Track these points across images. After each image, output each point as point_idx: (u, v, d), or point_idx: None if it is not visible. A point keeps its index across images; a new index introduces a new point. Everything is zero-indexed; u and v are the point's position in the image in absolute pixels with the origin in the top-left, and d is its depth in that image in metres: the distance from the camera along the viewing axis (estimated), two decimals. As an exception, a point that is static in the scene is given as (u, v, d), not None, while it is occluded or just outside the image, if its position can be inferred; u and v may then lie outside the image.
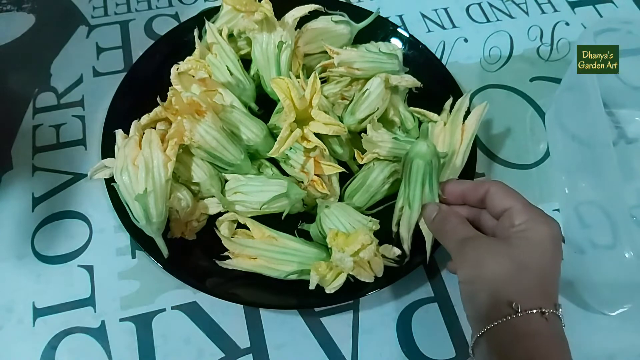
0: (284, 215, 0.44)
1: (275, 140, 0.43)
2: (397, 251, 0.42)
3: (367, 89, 0.47)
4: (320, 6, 0.50)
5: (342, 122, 0.47)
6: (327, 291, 0.40)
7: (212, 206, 0.45)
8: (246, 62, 0.51)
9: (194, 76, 0.49)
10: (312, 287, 0.40)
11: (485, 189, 0.39)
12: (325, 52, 0.50)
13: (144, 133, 0.43)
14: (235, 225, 0.44)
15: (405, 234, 0.43)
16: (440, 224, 0.40)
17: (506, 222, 0.36)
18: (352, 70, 0.50)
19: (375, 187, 0.45)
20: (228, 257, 0.42)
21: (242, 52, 0.52)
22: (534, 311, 0.32)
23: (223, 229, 0.43)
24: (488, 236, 0.38)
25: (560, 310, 0.34)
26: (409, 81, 0.50)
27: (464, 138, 0.47)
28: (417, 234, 0.43)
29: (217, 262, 0.42)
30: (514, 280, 0.34)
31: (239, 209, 0.44)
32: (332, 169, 0.45)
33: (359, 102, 0.47)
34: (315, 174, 0.45)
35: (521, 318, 0.32)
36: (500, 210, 0.37)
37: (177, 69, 0.49)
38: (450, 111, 0.50)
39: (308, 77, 0.45)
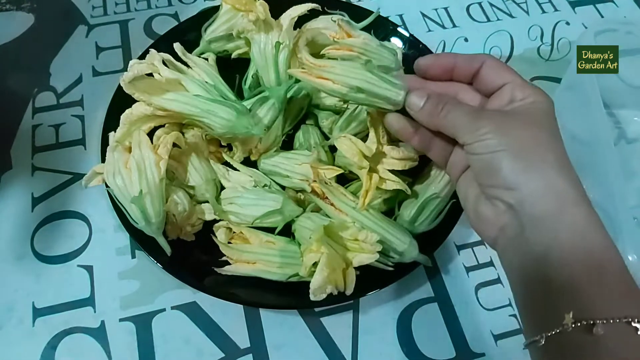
0: (277, 231, 0.43)
1: (255, 116, 0.42)
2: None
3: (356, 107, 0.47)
4: (316, 5, 0.50)
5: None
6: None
7: (209, 212, 0.44)
8: (245, 61, 0.51)
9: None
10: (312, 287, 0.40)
11: (481, 62, 0.36)
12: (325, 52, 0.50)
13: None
14: (232, 230, 0.44)
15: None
16: (437, 107, 0.35)
17: (505, 97, 0.35)
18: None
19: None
20: (227, 263, 0.42)
21: (240, 52, 0.52)
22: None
23: (220, 235, 0.43)
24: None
25: None
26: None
27: None
28: (417, 236, 0.43)
29: (216, 269, 0.42)
30: (547, 143, 0.32)
31: (233, 220, 0.44)
32: (332, 172, 0.45)
33: (350, 118, 0.47)
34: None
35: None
36: (498, 84, 0.35)
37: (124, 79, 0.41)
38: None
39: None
